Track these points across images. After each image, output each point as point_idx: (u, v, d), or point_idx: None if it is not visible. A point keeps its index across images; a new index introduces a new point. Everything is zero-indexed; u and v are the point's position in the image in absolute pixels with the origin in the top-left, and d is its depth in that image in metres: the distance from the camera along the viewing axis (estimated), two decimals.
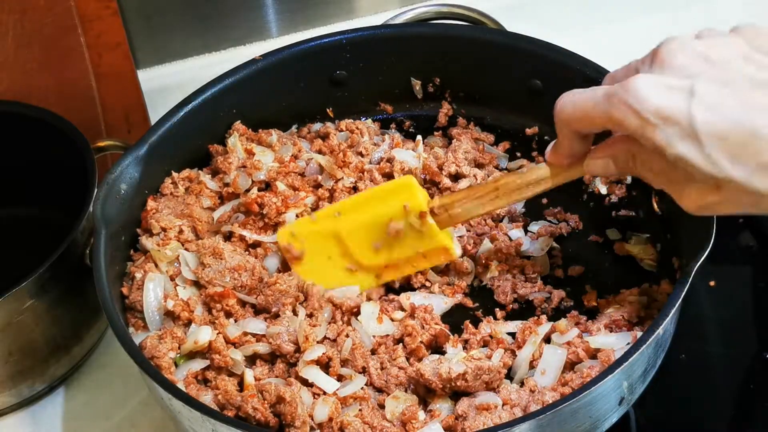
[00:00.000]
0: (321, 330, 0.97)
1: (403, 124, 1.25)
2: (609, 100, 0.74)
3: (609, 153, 0.83)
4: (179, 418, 0.90)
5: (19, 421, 1.11)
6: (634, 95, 0.72)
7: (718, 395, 1.07)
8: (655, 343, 0.88)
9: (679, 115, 0.70)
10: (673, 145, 0.71)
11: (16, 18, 1.17)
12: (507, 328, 1.00)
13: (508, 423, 0.82)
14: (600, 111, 0.76)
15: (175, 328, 0.99)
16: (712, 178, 0.72)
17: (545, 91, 1.14)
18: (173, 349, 0.97)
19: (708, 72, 0.71)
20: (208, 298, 1.00)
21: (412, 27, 1.27)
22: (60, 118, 1.17)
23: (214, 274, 1.02)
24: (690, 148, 0.71)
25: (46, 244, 1.05)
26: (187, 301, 1.01)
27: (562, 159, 0.87)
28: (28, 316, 1.03)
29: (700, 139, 0.70)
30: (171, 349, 0.96)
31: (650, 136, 0.72)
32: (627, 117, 0.73)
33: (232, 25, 1.54)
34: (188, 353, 0.97)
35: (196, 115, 1.13)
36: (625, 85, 0.73)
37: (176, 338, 0.97)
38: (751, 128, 0.69)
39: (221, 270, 1.02)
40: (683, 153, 0.71)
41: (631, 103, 0.72)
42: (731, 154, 0.70)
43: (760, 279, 1.17)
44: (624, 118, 0.73)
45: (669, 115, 0.71)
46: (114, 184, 1.04)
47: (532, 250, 1.07)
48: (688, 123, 0.70)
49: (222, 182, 1.12)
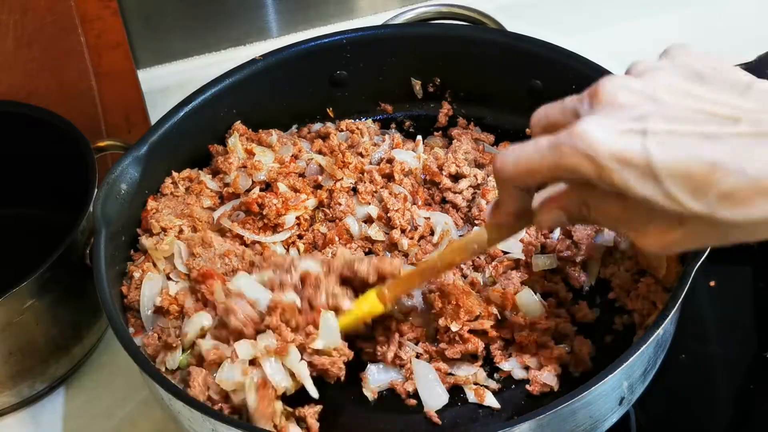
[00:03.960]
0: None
1: (403, 124, 1.25)
2: (558, 150, 0.72)
3: (559, 205, 0.80)
4: (179, 418, 0.90)
5: (19, 421, 1.11)
6: (586, 142, 0.70)
7: (718, 395, 1.07)
8: (655, 343, 0.88)
9: (636, 157, 0.68)
10: (632, 186, 0.69)
11: (16, 18, 1.17)
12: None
13: (508, 423, 0.83)
14: (548, 163, 0.73)
15: (170, 324, 0.99)
16: (675, 214, 0.70)
17: (545, 91, 1.15)
18: (175, 345, 0.97)
19: (654, 110, 0.70)
20: (193, 283, 1.00)
21: (412, 27, 1.27)
22: (60, 118, 1.17)
23: (204, 262, 1.02)
24: (650, 188, 0.69)
25: (46, 244, 1.05)
26: (175, 295, 1.01)
27: (507, 218, 0.84)
28: (28, 316, 1.03)
29: (659, 178, 0.68)
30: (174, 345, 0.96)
31: (608, 181, 0.70)
32: (581, 164, 0.70)
33: (232, 25, 1.54)
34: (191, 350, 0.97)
35: (196, 115, 1.13)
36: (573, 132, 0.70)
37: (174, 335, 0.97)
38: (709, 160, 0.67)
39: (211, 257, 1.02)
40: (644, 193, 0.69)
41: (583, 150, 0.70)
42: (692, 189, 0.68)
43: (760, 279, 1.17)
44: (578, 165, 0.71)
45: (626, 157, 0.69)
46: (114, 184, 1.04)
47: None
48: (645, 163, 0.68)
49: (222, 182, 1.12)
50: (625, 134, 0.69)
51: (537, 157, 0.74)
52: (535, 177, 0.75)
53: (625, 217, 0.74)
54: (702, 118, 0.69)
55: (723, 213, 0.68)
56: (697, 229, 0.71)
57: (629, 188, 0.70)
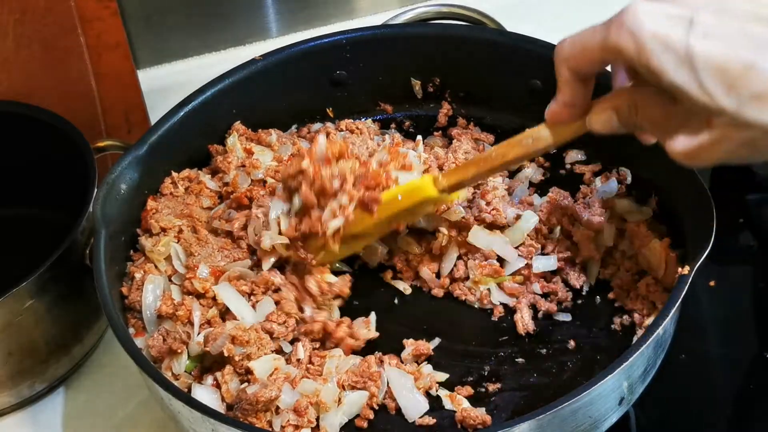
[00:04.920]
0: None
1: (403, 124, 1.25)
2: (607, 28, 0.75)
3: (612, 105, 0.82)
4: (179, 419, 0.90)
5: (19, 421, 1.11)
6: (632, 20, 0.73)
7: (718, 395, 1.07)
8: (655, 343, 0.88)
9: (676, 42, 0.71)
10: (668, 71, 0.72)
11: (16, 18, 1.17)
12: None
13: (508, 423, 0.83)
14: (598, 40, 0.76)
15: (178, 328, 0.98)
16: (704, 109, 0.72)
17: (545, 91, 1.14)
18: (180, 350, 0.97)
19: (707, 4, 0.72)
20: (186, 282, 1.01)
21: (412, 27, 1.27)
22: (60, 118, 1.17)
23: (203, 259, 1.02)
24: (685, 75, 0.71)
25: (46, 244, 1.05)
26: (182, 300, 1.00)
27: (563, 109, 0.86)
28: (28, 316, 1.03)
29: (695, 67, 0.71)
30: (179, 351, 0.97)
31: (646, 62, 0.72)
32: (625, 42, 0.73)
33: (232, 25, 1.54)
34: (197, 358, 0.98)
35: (196, 115, 1.13)
36: (624, 11, 0.74)
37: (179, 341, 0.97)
38: (746, 59, 0.69)
39: (210, 253, 1.02)
40: (678, 80, 0.72)
41: (628, 27, 0.73)
42: (725, 84, 0.70)
43: (760, 279, 1.17)
44: (621, 43, 0.73)
45: (666, 41, 0.71)
46: (114, 184, 1.04)
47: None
48: (684, 50, 0.71)
49: (221, 182, 1.12)
50: (671, 19, 0.71)
51: (590, 34, 0.78)
52: (589, 57, 0.78)
53: (665, 122, 0.77)
54: (750, 18, 0.71)
55: (751, 113, 0.70)
56: (725, 133, 0.73)
57: (664, 72, 0.72)
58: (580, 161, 1.17)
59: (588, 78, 0.83)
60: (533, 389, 0.97)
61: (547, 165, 1.17)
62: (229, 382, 0.94)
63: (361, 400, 0.96)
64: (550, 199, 1.10)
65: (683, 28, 0.71)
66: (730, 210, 1.19)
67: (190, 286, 1.00)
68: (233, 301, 0.99)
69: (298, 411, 0.92)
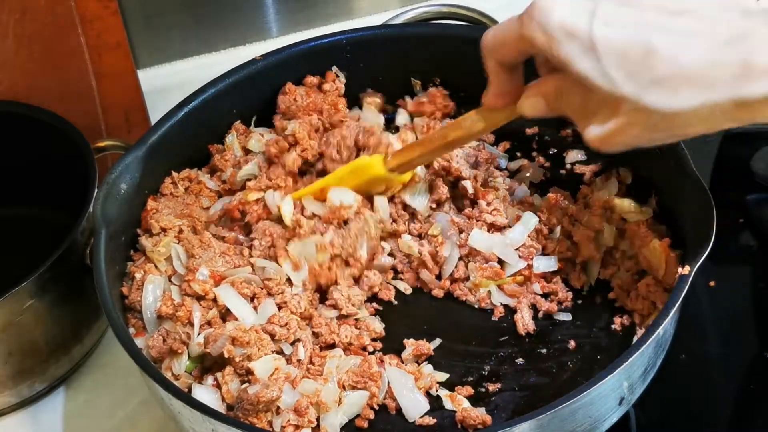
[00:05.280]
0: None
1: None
2: (521, 21, 0.78)
3: (540, 91, 0.85)
4: (179, 418, 0.90)
5: (19, 421, 1.11)
6: (540, 12, 0.76)
7: (718, 395, 1.07)
8: (655, 343, 0.88)
9: (580, 31, 0.74)
10: (575, 60, 0.75)
11: (16, 18, 1.17)
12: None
13: (508, 423, 0.83)
14: (514, 33, 0.80)
15: (178, 329, 0.98)
16: (610, 96, 0.74)
17: None
18: (180, 351, 0.97)
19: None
20: (185, 284, 1.00)
21: (412, 27, 1.27)
22: (60, 118, 1.17)
23: (204, 262, 1.02)
24: (590, 63, 0.74)
25: (46, 244, 1.05)
26: (182, 302, 1.00)
27: (496, 98, 0.89)
28: (28, 316, 1.03)
29: (598, 55, 0.73)
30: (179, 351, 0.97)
31: (556, 52, 0.75)
32: (535, 34, 0.76)
33: (232, 25, 1.54)
34: (198, 358, 0.98)
35: (196, 115, 1.13)
36: (533, 3, 0.77)
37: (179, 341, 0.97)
38: (645, 44, 0.72)
39: (211, 257, 1.02)
40: (583, 68, 0.74)
41: (537, 19, 0.76)
42: (627, 70, 0.73)
43: (760, 279, 1.17)
44: (533, 34, 0.77)
45: (572, 30, 0.74)
46: (114, 184, 1.04)
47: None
48: (588, 38, 0.73)
49: (220, 180, 1.12)
50: (576, 9, 0.75)
51: (508, 26, 0.81)
52: (508, 48, 0.82)
53: (582, 109, 0.80)
54: (651, 7, 0.73)
55: (650, 97, 0.72)
56: (631, 119, 0.75)
57: (571, 61, 0.75)
58: (580, 161, 1.17)
59: (514, 67, 0.86)
60: (533, 389, 0.97)
61: (547, 165, 1.18)
62: (230, 383, 0.94)
63: (362, 400, 0.96)
64: (550, 199, 1.10)
65: (587, 17, 0.74)
66: (730, 210, 1.19)
67: (189, 288, 1.00)
68: (234, 303, 0.99)
69: (298, 411, 0.92)
